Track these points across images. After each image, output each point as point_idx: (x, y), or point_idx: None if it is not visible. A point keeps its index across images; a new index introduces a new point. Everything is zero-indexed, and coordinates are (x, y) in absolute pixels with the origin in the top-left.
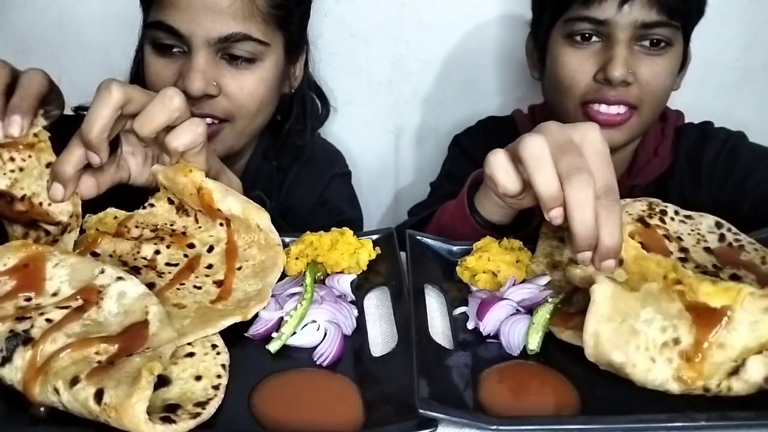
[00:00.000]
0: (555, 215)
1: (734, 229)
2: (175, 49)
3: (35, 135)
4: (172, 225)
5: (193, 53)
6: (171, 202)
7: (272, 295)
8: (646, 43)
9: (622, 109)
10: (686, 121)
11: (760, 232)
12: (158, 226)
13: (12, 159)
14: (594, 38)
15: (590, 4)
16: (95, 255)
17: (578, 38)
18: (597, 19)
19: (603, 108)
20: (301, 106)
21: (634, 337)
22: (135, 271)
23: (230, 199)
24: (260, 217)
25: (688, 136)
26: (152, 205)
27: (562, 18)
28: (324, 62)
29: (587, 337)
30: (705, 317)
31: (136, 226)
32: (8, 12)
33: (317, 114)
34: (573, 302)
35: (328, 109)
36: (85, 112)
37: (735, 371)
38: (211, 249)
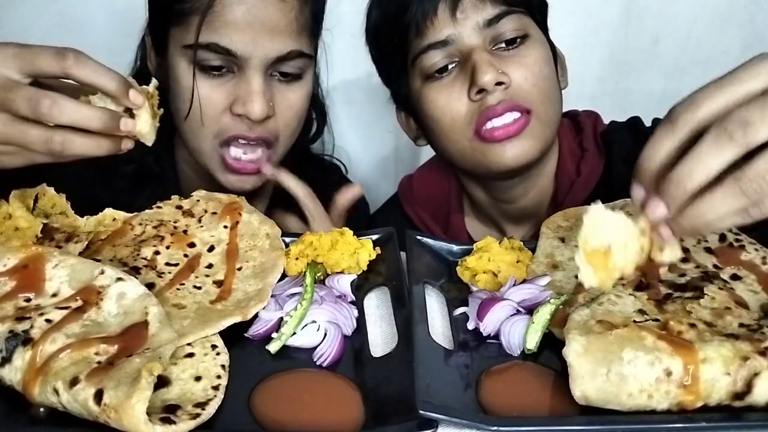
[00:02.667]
0: None
1: (735, 229)
2: (224, 69)
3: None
4: (175, 222)
5: (250, 75)
6: (179, 207)
7: (272, 296)
8: (503, 44)
9: (516, 114)
10: None
11: (760, 232)
12: (162, 222)
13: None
14: (450, 65)
15: (425, 30)
16: (96, 260)
17: (436, 73)
18: (439, 41)
19: (496, 122)
20: (313, 115)
21: (624, 384)
22: (135, 271)
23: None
24: (272, 228)
25: (619, 138)
26: (159, 207)
27: (409, 61)
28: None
29: (577, 400)
30: (678, 341)
31: (140, 224)
32: (8, 11)
33: (320, 109)
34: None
35: (324, 117)
36: None
37: (738, 396)
38: (211, 249)
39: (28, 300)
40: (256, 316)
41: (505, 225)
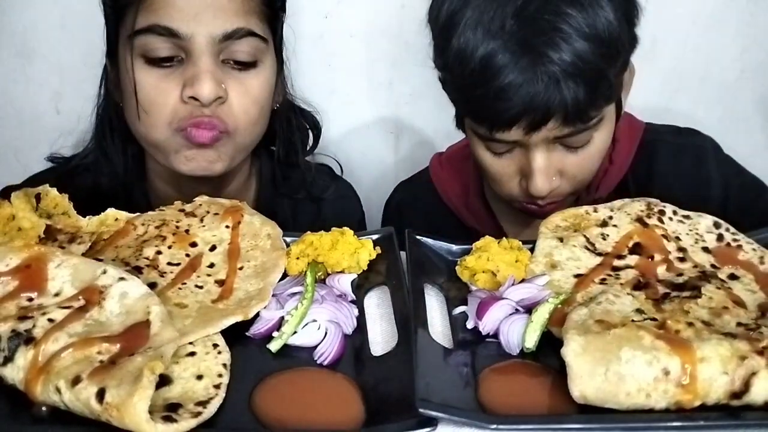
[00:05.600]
0: None
1: (732, 229)
2: (173, 60)
3: None
4: (177, 222)
5: (197, 56)
6: (182, 210)
7: (273, 295)
8: (565, 145)
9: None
10: (674, 121)
11: (758, 232)
12: (165, 221)
13: None
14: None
15: (501, 130)
16: (98, 260)
17: (499, 151)
18: (509, 141)
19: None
20: (285, 121)
21: (622, 383)
22: (137, 270)
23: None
24: (274, 228)
25: (660, 137)
26: (162, 210)
27: (479, 135)
28: (324, 62)
29: (576, 399)
30: (676, 340)
31: (142, 224)
32: (10, 13)
33: (304, 129)
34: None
35: (318, 130)
36: (60, 159)
37: (736, 395)
38: (213, 248)
39: (31, 299)
40: (257, 315)
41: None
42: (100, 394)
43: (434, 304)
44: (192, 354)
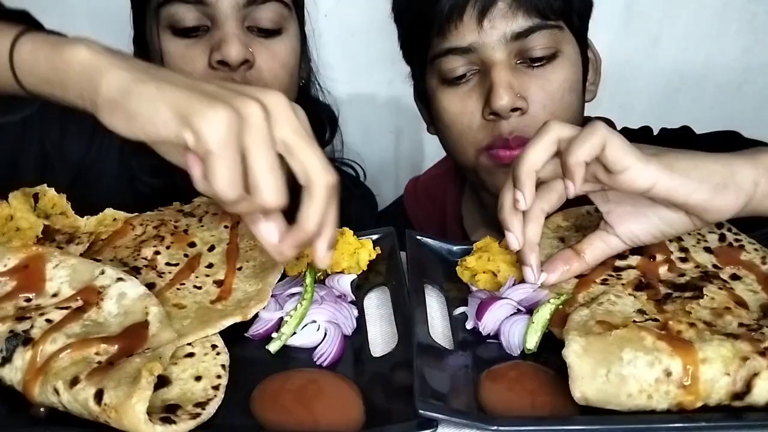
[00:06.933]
0: None
1: (734, 229)
2: (199, 30)
3: None
4: (176, 222)
5: (222, 21)
6: (180, 211)
7: (272, 296)
8: (527, 60)
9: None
10: (675, 121)
11: (760, 232)
12: (163, 221)
13: None
14: (469, 73)
15: (447, 33)
16: (96, 260)
17: (454, 80)
18: (461, 48)
19: (504, 153)
20: (309, 99)
21: (624, 384)
22: (135, 271)
23: None
24: None
25: (670, 144)
26: (160, 210)
27: (429, 58)
28: (324, 62)
29: (577, 401)
30: (678, 341)
31: (141, 224)
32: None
33: (320, 122)
34: (574, 303)
35: (335, 123)
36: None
37: (738, 396)
38: (212, 248)
39: (29, 300)
40: (256, 315)
41: None
42: (99, 395)
43: (434, 304)
44: (190, 355)
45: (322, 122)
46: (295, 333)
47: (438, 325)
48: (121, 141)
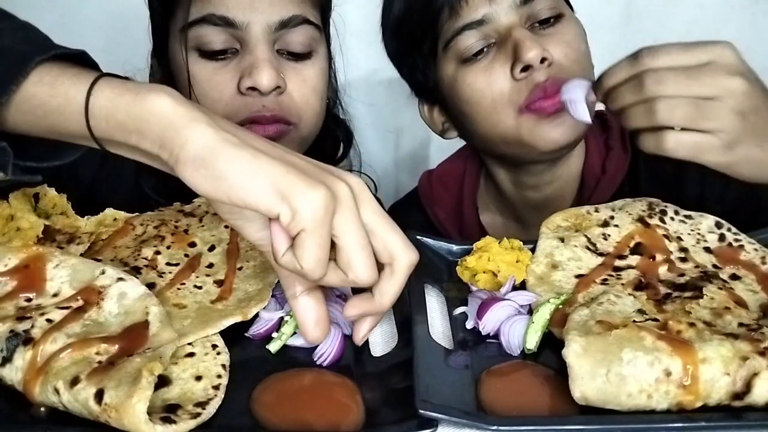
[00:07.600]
0: None
1: (734, 229)
2: (227, 53)
3: None
4: (176, 222)
5: (253, 45)
6: (181, 211)
7: (273, 295)
8: (537, 23)
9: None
10: None
11: (760, 232)
12: (163, 221)
13: None
14: (486, 48)
15: (459, 10)
16: (96, 260)
17: (473, 56)
18: (475, 21)
19: (545, 103)
20: (329, 115)
21: (624, 384)
22: (135, 271)
23: None
24: None
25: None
26: (161, 210)
27: (441, 46)
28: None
29: (577, 401)
30: (678, 341)
31: (141, 224)
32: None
33: (336, 138)
34: (574, 303)
35: (350, 140)
36: None
37: (738, 396)
38: (212, 248)
39: (29, 300)
40: (256, 315)
41: (526, 214)
42: (99, 395)
43: (434, 304)
44: (191, 355)
45: (338, 139)
46: (295, 333)
47: (438, 325)
48: (136, 165)
